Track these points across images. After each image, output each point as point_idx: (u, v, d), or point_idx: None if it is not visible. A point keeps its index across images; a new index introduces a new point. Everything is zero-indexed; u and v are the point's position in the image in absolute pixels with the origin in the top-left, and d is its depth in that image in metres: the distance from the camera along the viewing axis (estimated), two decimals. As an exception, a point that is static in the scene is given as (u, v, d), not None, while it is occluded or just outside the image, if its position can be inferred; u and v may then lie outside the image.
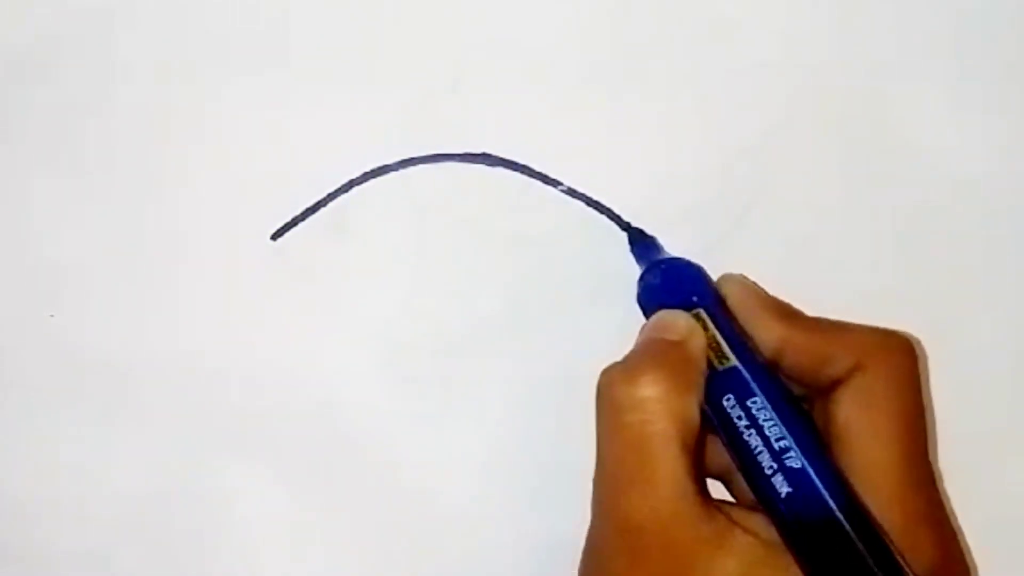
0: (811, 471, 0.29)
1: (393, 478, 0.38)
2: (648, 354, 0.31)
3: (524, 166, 0.38)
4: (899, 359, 0.31)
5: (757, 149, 0.38)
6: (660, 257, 0.36)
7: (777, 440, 0.30)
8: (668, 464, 0.29)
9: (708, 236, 0.38)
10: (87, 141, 0.39)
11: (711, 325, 0.32)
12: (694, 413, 0.30)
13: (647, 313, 0.34)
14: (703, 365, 0.31)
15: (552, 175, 0.38)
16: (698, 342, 0.31)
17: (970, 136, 0.38)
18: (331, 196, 0.38)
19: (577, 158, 0.38)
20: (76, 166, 0.39)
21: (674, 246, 0.38)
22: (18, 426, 0.38)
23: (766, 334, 0.32)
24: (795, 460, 0.29)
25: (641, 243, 0.37)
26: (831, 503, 0.29)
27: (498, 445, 0.38)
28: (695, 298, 0.33)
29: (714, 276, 0.35)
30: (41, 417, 0.38)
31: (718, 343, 0.32)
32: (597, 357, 0.38)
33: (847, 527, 0.29)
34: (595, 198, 0.38)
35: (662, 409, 0.30)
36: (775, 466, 0.30)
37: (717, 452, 0.33)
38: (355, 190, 0.38)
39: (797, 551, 0.29)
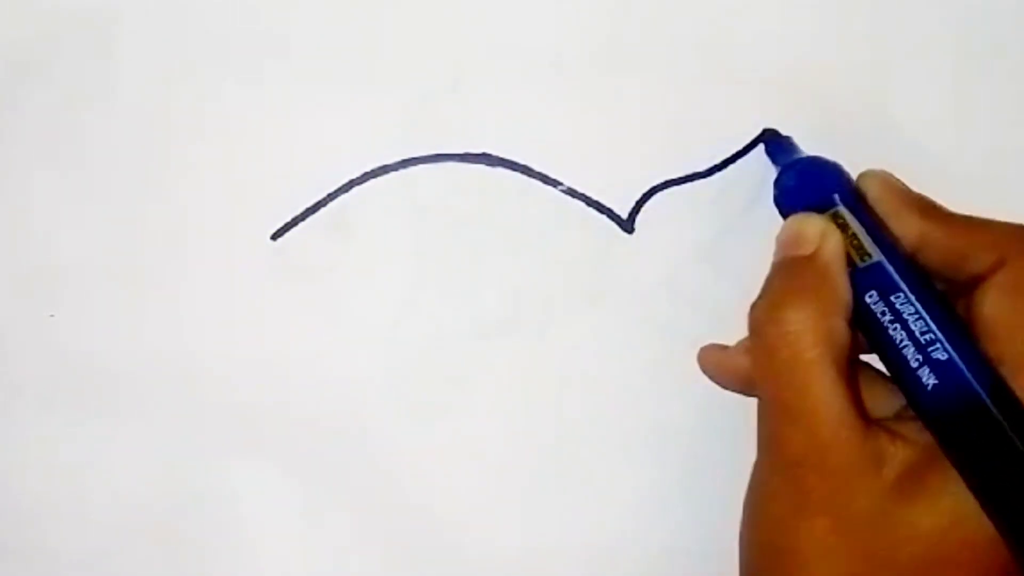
0: (958, 362, 0.29)
1: (393, 477, 0.38)
2: (784, 280, 0.31)
3: (524, 166, 0.38)
4: None
5: (757, 149, 0.38)
6: (796, 157, 0.35)
7: (922, 333, 0.29)
8: (824, 393, 0.29)
9: (708, 235, 0.38)
10: (87, 141, 0.39)
11: (851, 222, 0.31)
12: (842, 331, 0.30)
13: (785, 215, 0.33)
14: (840, 272, 0.31)
15: (552, 175, 0.38)
16: (833, 247, 0.31)
17: (970, 136, 0.38)
18: (331, 196, 0.38)
19: (577, 158, 0.38)
20: (76, 166, 0.39)
21: (674, 245, 0.38)
22: (18, 426, 0.38)
23: (906, 229, 0.31)
24: (941, 352, 0.29)
25: (775, 143, 0.36)
26: (980, 392, 0.28)
27: (498, 445, 0.38)
28: (834, 196, 0.32)
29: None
30: (41, 417, 0.38)
31: (859, 240, 0.31)
32: (597, 357, 0.38)
33: (996, 415, 0.28)
34: (595, 198, 0.38)
35: (810, 338, 0.29)
36: (920, 359, 0.29)
37: None
38: (355, 190, 0.38)
39: (947, 445, 0.29)
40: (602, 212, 0.38)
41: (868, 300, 0.30)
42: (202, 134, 0.39)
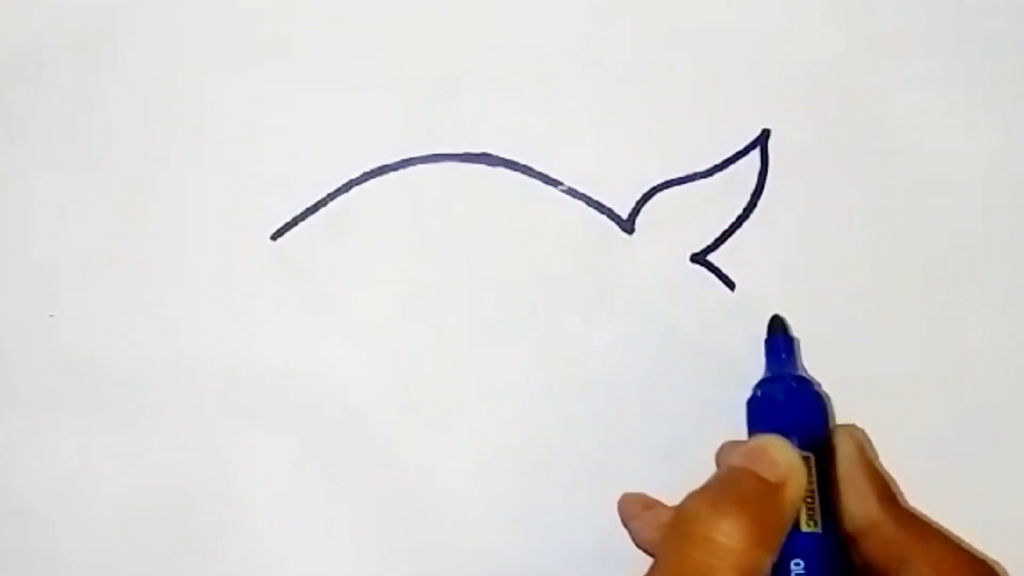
0: None
1: (392, 478, 0.38)
2: (739, 492, 0.29)
3: (524, 166, 0.38)
4: None
5: (756, 149, 0.38)
6: (793, 370, 0.33)
7: None
8: None
9: (707, 236, 0.38)
10: (87, 141, 0.39)
11: (814, 478, 0.30)
12: (766, 569, 0.28)
13: (752, 425, 0.32)
14: (793, 518, 0.29)
15: (552, 175, 0.38)
16: (798, 490, 0.29)
17: (970, 136, 0.38)
18: (331, 196, 0.38)
19: (577, 158, 0.38)
20: (76, 166, 0.39)
21: (673, 245, 0.38)
22: (18, 426, 0.38)
23: (860, 508, 0.31)
24: None
25: (780, 338, 0.33)
26: None
27: (497, 444, 0.38)
28: (811, 438, 0.31)
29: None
30: (41, 417, 0.38)
31: (813, 502, 0.30)
32: (597, 357, 0.38)
33: None
34: (595, 198, 0.38)
35: (734, 560, 0.28)
36: None
37: None
38: (355, 190, 0.38)
39: None
40: (602, 212, 0.38)
41: (793, 567, 0.29)
42: (202, 134, 0.39)
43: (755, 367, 0.37)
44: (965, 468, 0.38)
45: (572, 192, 0.38)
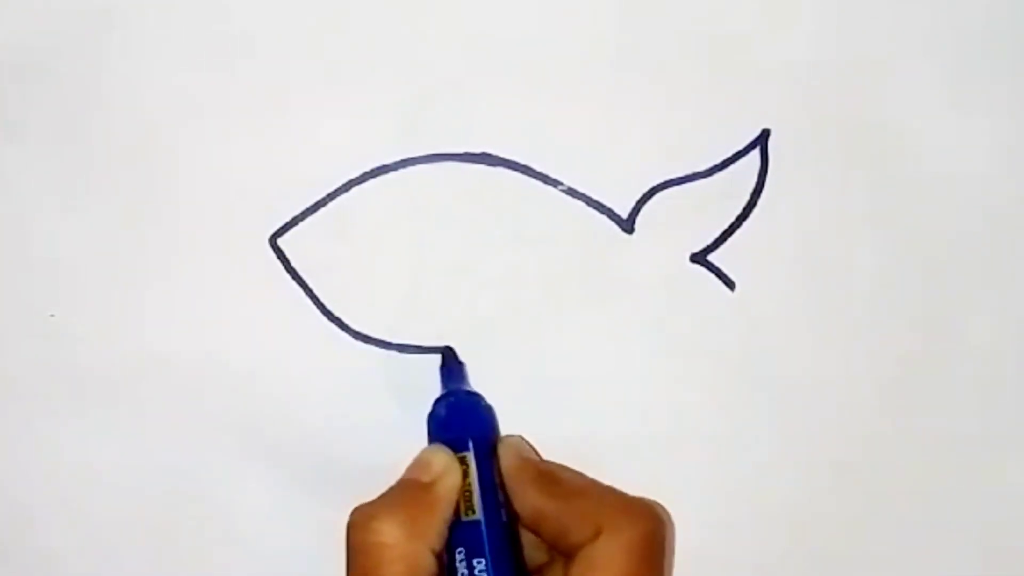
0: None
1: (390, 478, 0.38)
2: (394, 496, 0.33)
3: (524, 166, 0.38)
4: (633, 526, 0.31)
5: (756, 149, 0.38)
6: (458, 387, 0.36)
7: None
8: None
9: (707, 236, 0.38)
10: (87, 141, 0.39)
11: (472, 473, 0.33)
12: (427, 559, 0.32)
13: (430, 440, 0.35)
14: (448, 510, 0.33)
15: (552, 175, 0.38)
16: (450, 485, 0.33)
17: (970, 136, 0.38)
18: (331, 196, 0.38)
19: (577, 158, 0.38)
20: (76, 166, 0.39)
21: (673, 245, 0.38)
22: (18, 426, 0.38)
23: (524, 504, 0.33)
24: None
25: (449, 366, 0.37)
26: None
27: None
28: (471, 440, 0.34)
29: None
30: (41, 417, 0.38)
31: (471, 493, 0.33)
32: (597, 357, 0.38)
33: None
34: (595, 198, 0.38)
35: (394, 555, 0.31)
36: None
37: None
38: (355, 190, 0.38)
39: None
40: (602, 212, 0.38)
41: (457, 555, 0.32)
42: (202, 134, 0.39)
43: (754, 366, 0.38)
44: (965, 468, 0.38)
45: (572, 192, 0.38)
